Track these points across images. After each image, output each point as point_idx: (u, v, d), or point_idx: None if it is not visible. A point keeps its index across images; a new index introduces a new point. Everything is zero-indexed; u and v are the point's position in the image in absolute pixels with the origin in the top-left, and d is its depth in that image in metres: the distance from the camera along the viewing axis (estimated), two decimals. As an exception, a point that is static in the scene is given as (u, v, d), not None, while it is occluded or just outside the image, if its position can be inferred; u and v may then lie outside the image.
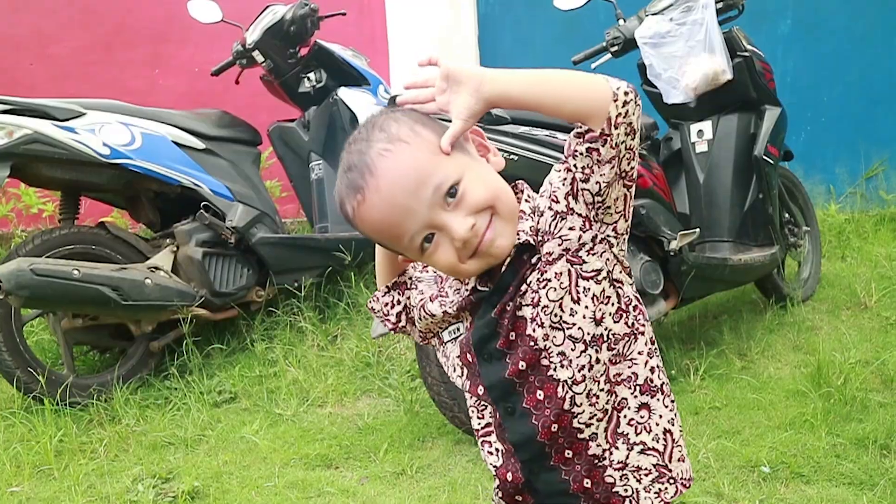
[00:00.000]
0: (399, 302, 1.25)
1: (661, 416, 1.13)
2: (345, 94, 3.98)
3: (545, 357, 1.07)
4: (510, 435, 1.12)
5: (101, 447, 2.90)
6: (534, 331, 1.06)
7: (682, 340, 3.37)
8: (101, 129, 3.23)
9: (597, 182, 1.02)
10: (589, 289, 1.07)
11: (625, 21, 3.35)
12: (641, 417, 1.12)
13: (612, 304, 1.09)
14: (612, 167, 1.02)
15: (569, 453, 1.10)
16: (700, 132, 3.42)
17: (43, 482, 2.70)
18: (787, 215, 3.64)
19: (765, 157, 3.31)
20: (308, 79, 4.08)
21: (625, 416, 1.11)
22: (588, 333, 1.07)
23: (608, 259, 1.08)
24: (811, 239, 3.81)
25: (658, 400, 1.13)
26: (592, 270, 1.07)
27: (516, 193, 1.14)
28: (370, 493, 2.51)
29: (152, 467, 2.72)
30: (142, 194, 3.60)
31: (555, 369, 1.07)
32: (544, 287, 1.06)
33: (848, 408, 2.69)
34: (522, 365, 1.08)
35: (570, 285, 1.06)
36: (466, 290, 1.13)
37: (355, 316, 3.73)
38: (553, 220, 1.06)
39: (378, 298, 1.28)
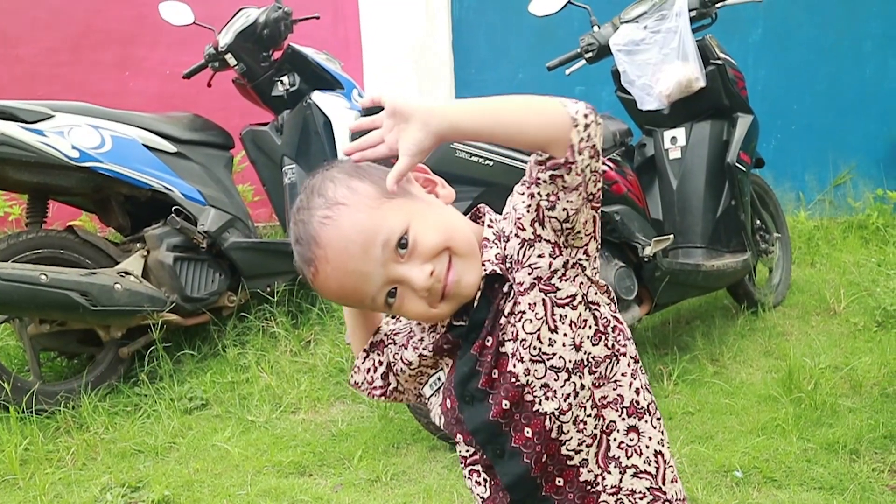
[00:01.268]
0: (381, 363, 1.20)
1: (650, 438, 1.10)
2: (318, 97, 3.96)
3: (528, 392, 1.03)
4: (503, 478, 1.08)
5: (69, 455, 2.84)
6: (514, 366, 1.03)
7: (656, 346, 3.39)
8: (70, 131, 3.18)
9: (563, 209, 0.98)
10: (566, 315, 1.03)
11: (599, 28, 3.37)
12: (631, 440, 1.08)
13: (590, 328, 1.05)
14: (579, 193, 0.98)
15: (560, 481, 1.07)
16: (673, 139, 3.45)
17: (8, 492, 2.64)
18: (758, 222, 3.68)
19: (737, 164, 3.35)
20: (281, 82, 4.04)
21: (614, 440, 1.08)
22: (570, 361, 1.03)
23: (582, 283, 1.04)
24: (782, 245, 3.86)
25: (646, 422, 1.10)
26: (567, 296, 1.03)
27: (479, 219, 1.11)
28: (344, 500, 2.48)
29: (121, 476, 2.67)
30: (111, 198, 3.54)
31: (539, 403, 1.03)
32: (520, 320, 1.02)
33: (818, 413, 2.72)
34: (506, 404, 1.04)
35: (546, 315, 1.02)
36: (442, 326, 1.10)
37: (328, 321, 3.71)
38: (521, 248, 1.02)
39: (359, 368, 1.22)
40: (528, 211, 1.00)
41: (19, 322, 3.28)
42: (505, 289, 1.04)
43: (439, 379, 1.13)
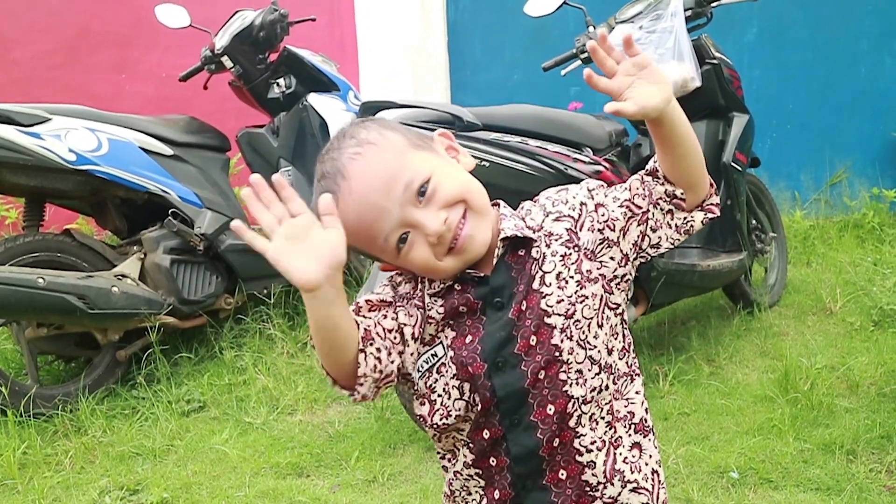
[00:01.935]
0: (379, 349, 1.08)
1: (650, 457, 1.15)
2: (314, 99, 3.97)
3: (564, 371, 1.07)
4: (512, 447, 1.10)
5: (67, 459, 2.84)
6: (561, 342, 1.07)
7: (652, 346, 3.40)
8: (67, 134, 3.18)
9: (659, 237, 1.12)
10: (609, 318, 1.11)
11: (595, 28, 3.37)
12: (633, 456, 1.13)
13: (619, 342, 1.13)
14: (677, 234, 1.13)
15: (563, 474, 1.10)
16: (669, 139, 3.44)
17: (6, 496, 2.64)
18: (754, 222, 3.68)
19: (733, 164, 3.35)
20: (277, 84, 4.05)
21: (620, 454, 1.12)
22: (603, 359, 1.10)
23: (624, 299, 1.13)
24: (777, 245, 3.86)
25: (650, 440, 1.15)
26: (615, 303, 1.12)
27: (494, 205, 1.16)
28: (342, 501, 2.49)
29: (120, 479, 2.68)
30: (108, 201, 3.54)
31: (570, 385, 1.08)
32: (582, 302, 1.08)
33: (815, 413, 2.72)
34: (542, 374, 1.07)
35: (599, 309, 1.09)
36: (441, 284, 1.11)
37: (325, 323, 3.70)
38: (601, 244, 1.11)
39: (365, 375, 1.06)
40: (622, 216, 1.10)
41: (17, 325, 3.28)
42: (534, 254, 1.09)
43: (434, 355, 1.12)
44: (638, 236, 1.10)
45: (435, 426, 1.13)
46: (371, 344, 1.07)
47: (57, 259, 3.24)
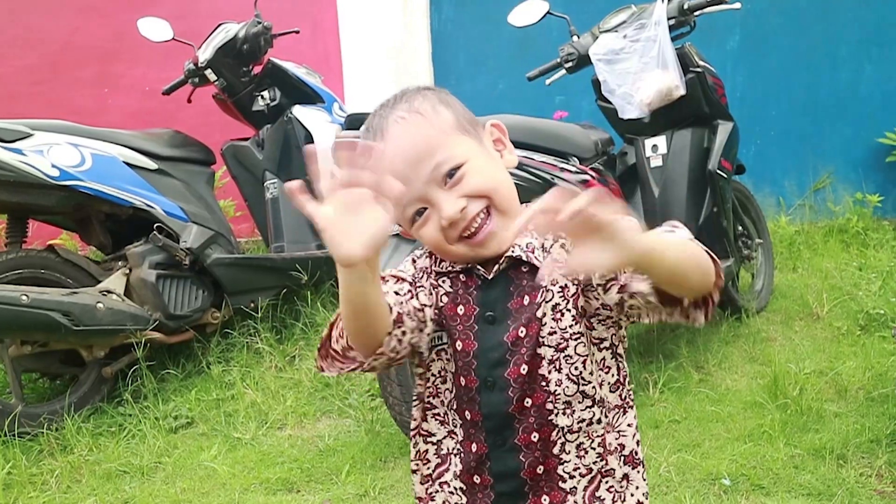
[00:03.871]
0: (404, 332, 1.08)
1: (637, 488, 1.14)
2: (299, 112, 3.96)
3: (552, 402, 1.07)
4: (495, 465, 1.10)
5: (53, 479, 2.81)
6: (549, 373, 1.07)
7: (641, 354, 3.40)
8: (50, 150, 3.15)
9: (634, 320, 1.06)
10: (593, 353, 1.09)
11: (579, 37, 3.38)
12: (621, 486, 1.13)
13: (612, 375, 1.11)
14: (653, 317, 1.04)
15: (545, 500, 1.10)
16: (655, 147, 3.45)
17: (-9, 516, 2.61)
18: (740, 228, 3.70)
19: (718, 171, 3.36)
20: (262, 97, 4.05)
21: (605, 482, 1.11)
22: (598, 394, 1.09)
23: (614, 334, 1.10)
24: (764, 251, 3.88)
25: (638, 472, 1.14)
26: (597, 338, 1.09)
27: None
28: (332, 517, 2.47)
29: (107, 498, 2.65)
30: (92, 216, 3.51)
31: (556, 415, 1.07)
32: (577, 339, 1.07)
33: (804, 418, 2.73)
34: (528, 402, 1.07)
35: (593, 345, 1.09)
36: (450, 266, 1.11)
37: (313, 336, 3.69)
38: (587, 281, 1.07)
39: (384, 353, 1.06)
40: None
41: (0, 343, 3.24)
42: (544, 284, 1.08)
43: (439, 338, 1.13)
44: (619, 300, 1.03)
45: (424, 400, 1.16)
46: (399, 327, 1.06)
47: (41, 276, 3.21)
